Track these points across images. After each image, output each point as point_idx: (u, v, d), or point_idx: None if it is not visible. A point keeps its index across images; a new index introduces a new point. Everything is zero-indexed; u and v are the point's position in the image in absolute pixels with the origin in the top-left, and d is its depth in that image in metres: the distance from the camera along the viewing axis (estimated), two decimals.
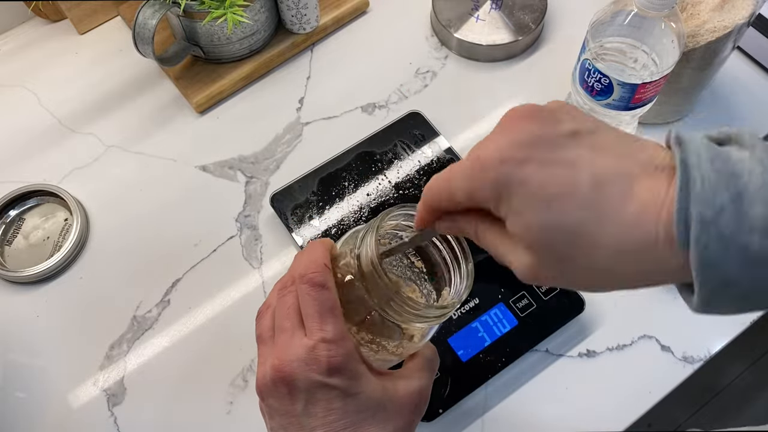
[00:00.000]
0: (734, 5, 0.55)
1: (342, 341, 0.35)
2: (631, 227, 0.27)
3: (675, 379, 0.54)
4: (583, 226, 0.27)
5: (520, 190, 0.28)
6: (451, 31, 0.70)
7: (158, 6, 0.61)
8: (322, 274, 0.36)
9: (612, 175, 0.27)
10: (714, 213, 0.25)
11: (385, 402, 0.36)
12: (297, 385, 0.35)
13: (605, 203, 0.27)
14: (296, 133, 0.67)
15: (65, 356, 0.57)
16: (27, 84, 0.71)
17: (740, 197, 0.25)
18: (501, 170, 0.28)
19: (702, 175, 0.25)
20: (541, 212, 0.28)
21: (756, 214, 0.25)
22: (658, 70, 0.52)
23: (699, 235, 0.25)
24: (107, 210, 0.64)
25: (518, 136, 0.29)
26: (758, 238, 0.24)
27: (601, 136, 0.29)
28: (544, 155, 0.28)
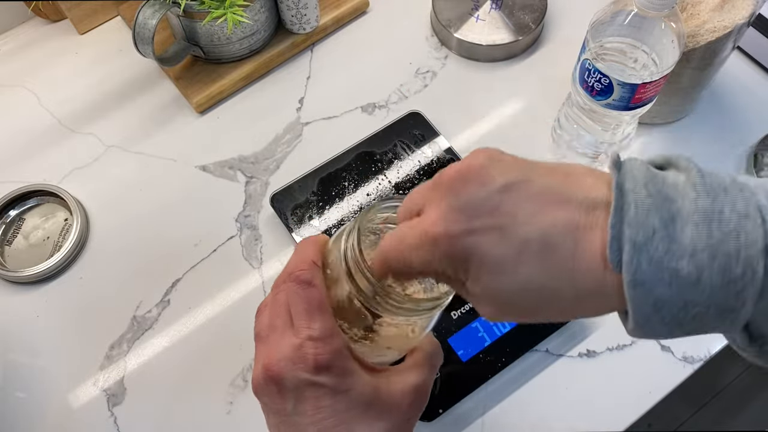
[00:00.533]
0: (734, 5, 0.55)
1: (329, 338, 0.35)
2: (584, 277, 0.27)
3: (675, 379, 0.54)
4: (537, 286, 0.28)
5: (473, 260, 0.29)
6: (451, 31, 0.70)
7: (158, 6, 0.61)
8: (309, 272, 0.36)
9: (558, 229, 0.27)
10: (645, 237, 0.25)
11: (377, 399, 0.36)
12: (285, 384, 0.35)
13: (558, 259, 0.27)
14: (296, 133, 0.67)
15: (65, 356, 0.57)
16: (27, 84, 0.71)
17: (672, 221, 0.25)
18: (450, 244, 0.29)
19: (636, 200, 0.26)
20: (494, 279, 0.28)
21: (686, 239, 0.25)
22: (658, 70, 0.52)
23: (631, 257, 0.25)
24: (107, 210, 0.64)
25: (455, 204, 0.29)
26: (686, 264, 0.25)
27: (535, 183, 0.29)
28: (486, 221, 0.28)
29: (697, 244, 0.25)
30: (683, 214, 0.26)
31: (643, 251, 0.25)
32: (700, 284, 0.25)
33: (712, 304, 0.25)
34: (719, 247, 0.25)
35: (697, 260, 0.25)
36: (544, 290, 0.28)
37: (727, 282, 0.25)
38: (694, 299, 0.25)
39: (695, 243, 0.25)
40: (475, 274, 0.29)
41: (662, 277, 0.25)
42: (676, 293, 0.25)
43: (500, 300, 0.29)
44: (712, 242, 0.25)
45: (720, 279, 0.25)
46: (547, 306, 0.29)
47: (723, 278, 0.25)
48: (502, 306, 0.30)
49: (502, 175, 0.29)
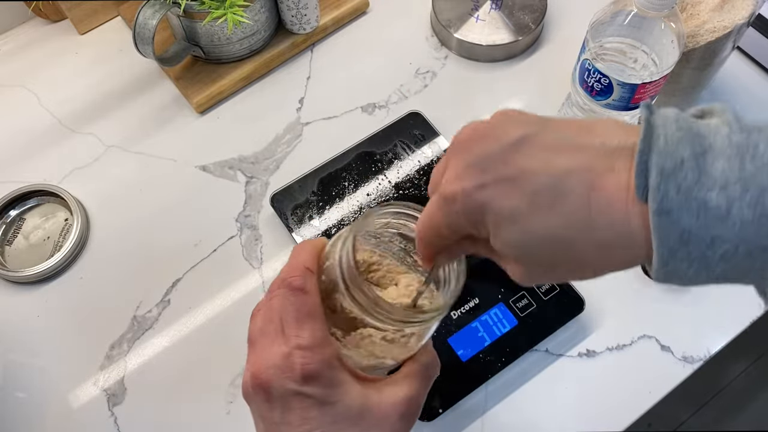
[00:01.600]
0: (734, 5, 0.55)
1: (318, 348, 0.34)
2: (603, 222, 0.27)
3: (675, 379, 0.54)
4: (556, 234, 0.27)
5: (489, 214, 0.28)
6: (451, 31, 0.70)
7: (158, 6, 0.61)
8: (301, 278, 0.36)
9: (571, 176, 0.27)
10: (674, 165, 0.25)
11: (366, 411, 0.35)
12: (273, 392, 0.34)
13: (572, 206, 0.27)
14: (296, 133, 0.67)
15: (65, 356, 0.57)
16: (27, 84, 0.71)
17: (703, 154, 0.25)
18: (466, 201, 0.29)
19: (666, 133, 0.25)
20: (511, 230, 0.28)
21: (717, 172, 0.24)
22: (658, 70, 0.52)
23: (657, 184, 0.25)
24: (107, 210, 0.64)
25: (469, 160, 0.29)
26: (716, 195, 0.24)
27: (549, 134, 0.28)
28: (499, 173, 0.28)
29: (729, 176, 0.24)
30: (715, 148, 0.25)
31: (671, 179, 0.24)
32: (730, 217, 0.24)
33: (742, 241, 0.24)
34: (752, 180, 0.24)
35: (728, 192, 0.24)
36: (561, 241, 0.27)
37: (759, 216, 0.24)
38: (722, 234, 0.24)
39: (727, 175, 0.24)
40: (493, 229, 0.29)
41: (690, 207, 0.24)
42: (704, 226, 0.24)
43: (522, 254, 0.29)
44: (744, 175, 0.24)
45: (751, 213, 0.24)
46: (568, 258, 0.28)
47: (755, 212, 0.24)
48: (526, 261, 0.29)
49: (516, 129, 0.29)
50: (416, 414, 0.38)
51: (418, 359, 0.39)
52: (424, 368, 0.38)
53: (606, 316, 0.57)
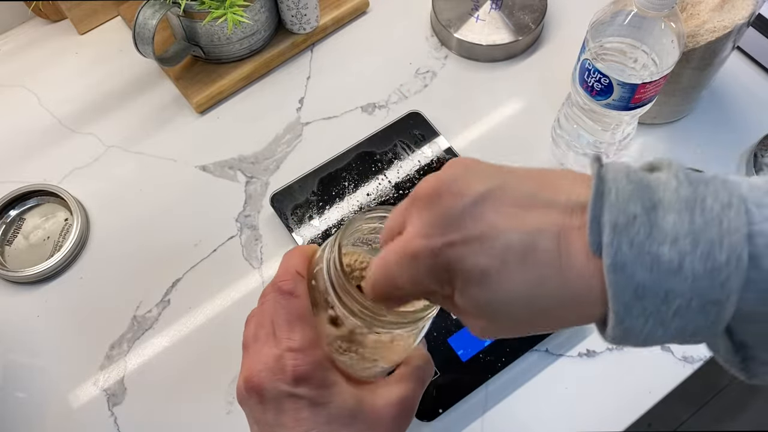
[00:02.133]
0: (734, 5, 0.55)
1: (309, 350, 0.34)
2: (572, 278, 0.26)
3: (675, 379, 0.54)
4: (526, 293, 0.27)
5: (456, 271, 0.28)
6: (451, 31, 0.70)
7: (158, 6, 0.61)
8: (291, 282, 0.36)
9: (542, 234, 0.27)
10: (626, 220, 0.25)
11: (359, 412, 0.35)
12: (266, 395, 0.35)
13: (543, 264, 0.27)
14: (296, 133, 0.67)
15: (65, 356, 0.57)
16: (27, 84, 0.71)
17: (654, 209, 0.25)
18: (432, 258, 0.28)
19: (617, 188, 0.26)
20: (479, 290, 0.28)
21: (668, 225, 0.24)
22: (658, 70, 0.52)
23: (611, 240, 0.25)
24: (107, 210, 0.64)
25: (433, 216, 0.28)
26: (668, 249, 0.24)
27: (513, 190, 0.28)
28: (467, 231, 0.28)
29: (680, 230, 0.24)
30: (665, 202, 0.25)
31: (623, 234, 0.25)
32: (682, 271, 0.24)
33: (695, 295, 0.24)
34: (702, 234, 0.24)
35: (679, 246, 0.24)
36: (530, 298, 0.27)
37: (710, 269, 0.24)
38: (675, 288, 0.24)
39: (677, 229, 0.24)
40: (460, 287, 0.28)
41: (643, 261, 0.24)
42: (657, 280, 0.24)
43: (489, 312, 0.29)
44: (694, 228, 0.24)
45: (703, 266, 0.24)
46: (534, 315, 0.28)
47: (706, 265, 0.24)
48: (492, 319, 0.29)
49: (478, 184, 0.28)
50: (410, 416, 0.38)
51: (411, 362, 0.39)
52: (417, 370, 0.39)
53: None
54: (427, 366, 0.40)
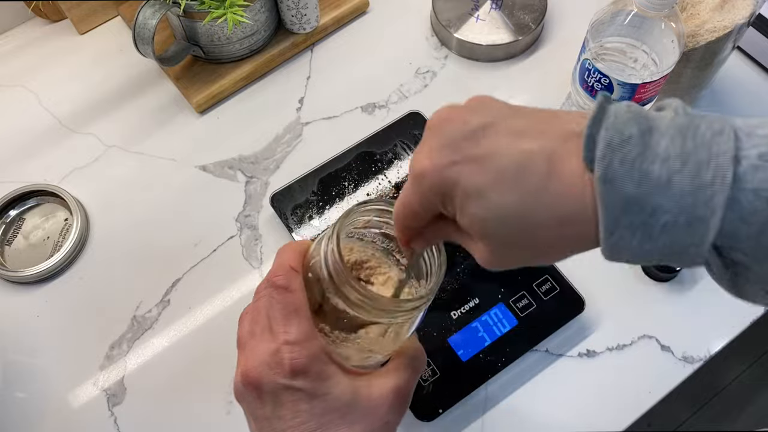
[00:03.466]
0: (734, 5, 0.55)
1: (306, 342, 0.35)
2: (562, 198, 0.28)
3: (675, 379, 0.54)
4: (517, 211, 0.29)
5: (456, 190, 0.30)
6: (451, 31, 0.70)
7: (158, 6, 0.61)
8: (286, 277, 0.37)
9: (533, 156, 0.28)
10: (621, 140, 0.26)
11: (355, 402, 0.36)
12: (263, 388, 0.35)
13: (533, 184, 0.28)
14: (296, 133, 0.67)
15: (65, 356, 0.57)
16: (27, 84, 0.71)
17: (650, 132, 0.26)
18: (435, 177, 0.30)
19: (616, 113, 0.27)
20: (477, 206, 0.29)
21: (660, 148, 0.26)
22: (658, 70, 0.52)
23: (604, 154, 0.26)
24: (107, 210, 0.64)
25: (441, 139, 0.30)
26: (658, 167, 0.26)
27: (517, 120, 0.30)
28: (467, 153, 0.29)
29: (671, 152, 0.26)
30: (661, 128, 0.26)
31: (617, 151, 0.26)
32: (671, 188, 0.26)
33: (682, 211, 0.26)
34: (691, 156, 0.26)
35: (669, 165, 0.26)
36: (523, 217, 0.29)
37: (697, 187, 0.25)
38: (663, 204, 0.26)
39: (669, 151, 0.26)
40: (460, 204, 0.30)
41: (632, 176, 0.26)
42: (646, 194, 0.26)
43: (486, 231, 0.30)
44: (685, 151, 0.26)
45: (690, 183, 0.25)
46: (530, 236, 0.29)
47: (693, 183, 0.25)
48: (491, 240, 0.30)
49: (485, 115, 0.30)
50: (405, 405, 0.38)
51: (405, 352, 0.40)
52: (411, 360, 0.40)
53: (606, 316, 0.57)
54: (420, 356, 0.41)
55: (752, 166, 0.25)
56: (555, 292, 0.55)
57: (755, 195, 0.25)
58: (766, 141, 0.26)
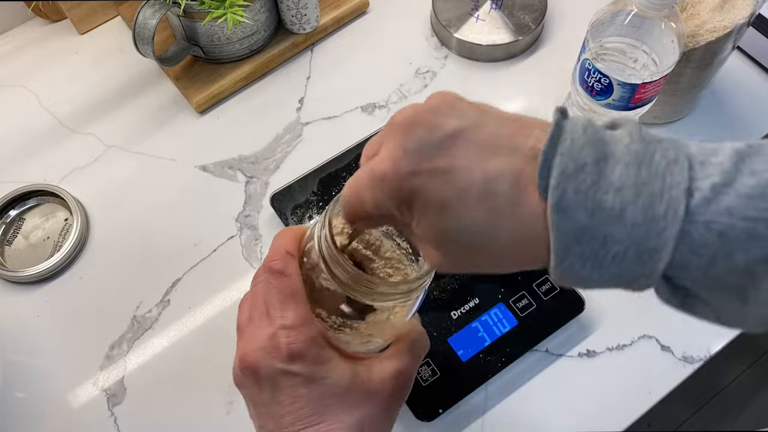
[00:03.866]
0: (734, 5, 0.55)
1: (303, 327, 0.35)
2: (524, 224, 0.28)
3: (675, 379, 0.54)
4: (478, 228, 0.28)
5: (416, 200, 0.29)
6: (451, 31, 0.70)
7: (158, 6, 0.61)
8: (282, 261, 0.37)
9: (502, 177, 0.28)
10: (575, 168, 0.26)
11: (354, 387, 0.35)
12: (261, 373, 0.35)
13: (498, 206, 0.28)
14: (296, 133, 0.67)
15: (65, 356, 0.57)
16: (27, 84, 0.71)
17: (604, 160, 0.26)
18: (396, 182, 0.29)
19: (573, 137, 0.27)
20: (437, 218, 0.29)
21: (615, 176, 0.26)
22: (658, 70, 0.52)
23: (557, 183, 0.26)
24: (107, 210, 0.64)
25: (405, 144, 0.29)
26: (611, 197, 0.26)
27: (486, 129, 0.29)
28: (433, 164, 0.29)
29: (625, 181, 0.26)
30: (616, 155, 0.26)
31: (571, 180, 0.26)
32: (623, 219, 0.25)
33: (633, 243, 0.26)
34: (645, 187, 0.26)
35: (622, 195, 0.26)
36: (482, 234, 0.28)
37: (650, 219, 0.25)
38: (614, 234, 0.26)
39: (623, 181, 0.26)
40: (418, 215, 0.30)
41: (586, 207, 0.26)
42: (598, 224, 0.26)
43: (443, 242, 0.30)
44: (639, 181, 0.26)
45: (642, 216, 0.25)
46: (485, 251, 0.29)
47: (646, 215, 0.25)
48: (445, 249, 0.30)
49: (454, 119, 0.30)
50: (406, 390, 0.38)
51: (406, 336, 0.39)
52: (412, 344, 0.39)
53: (606, 316, 0.57)
54: (421, 340, 0.40)
55: (704, 198, 0.25)
56: (555, 292, 0.55)
57: (706, 228, 0.25)
58: (719, 170, 0.26)
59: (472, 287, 0.56)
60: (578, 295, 0.55)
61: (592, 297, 0.56)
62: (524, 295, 0.55)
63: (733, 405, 1.35)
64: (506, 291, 0.56)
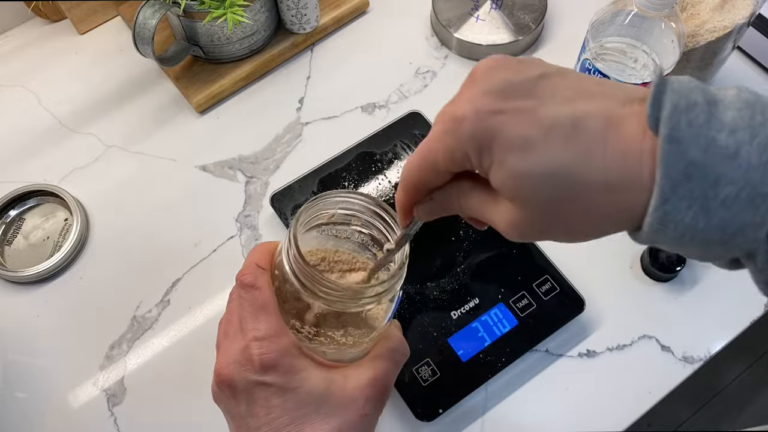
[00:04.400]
0: (734, 5, 0.55)
1: (275, 338, 0.35)
2: (618, 161, 0.26)
3: (675, 379, 0.54)
4: (566, 168, 0.26)
5: (499, 139, 0.27)
6: (451, 31, 0.70)
7: (158, 6, 0.61)
8: (252, 275, 0.37)
9: (591, 116, 0.26)
10: (687, 104, 0.25)
11: (329, 395, 0.35)
12: (236, 386, 0.35)
13: (587, 144, 0.26)
14: (296, 133, 0.67)
15: (65, 356, 0.57)
16: (27, 84, 0.71)
17: (715, 104, 0.25)
18: (477, 122, 0.28)
19: (680, 81, 0.26)
20: (521, 159, 0.27)
21: (727, 118, 0.25)
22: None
23: (671, 114, 0.25)
24: (107, 210, 0.64)
25: (489, 85, 0.28)
26: (725, 136, 0.24)
27: (570, 78, 0.28)
28: (518, 101, 0.27)
29: (739, 123, 0.24)
30: (726, 101, 0.25)
31: (683, 113, 0.25)
32: (738, 158, 0.24)
33: (746, 184, 0.24)
34: (761, 129, 0.24)
35: (737, 136, 0.24)
36: (571, 176, 0.26)
37: (765, 162, 0.24)
38: (727, 174, 0.24)
39: (736, 122, 0.24)
40: (499, 157, 0.27)
41: (698, 141, 0.24)
42: (710, 162, 0.24)
43: (523, 191, 0.27)
44: (753, 123, 0.24)
45: (758, 157, 0.24)
46: (573, 200, 0.27)
47: (761, 157, 0.24)
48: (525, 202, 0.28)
49: (538, 67, 0.29)
50: (383, 397, 0.38)
51: (383, 343, 0.39)
52: (389, 351, 0.39)
53: (606, 316, 0.57)
54: (399, 347, 0.39)
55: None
56: (555, 292, 0.55)
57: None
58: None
59: (472, 287, 0.56)
60: (578, 295, 0.55)
61: (592, 297, 0.56)
62: (524, 295, 0.55)
63: (733, 405, 1.35)
64: (506, 291, 0.56)
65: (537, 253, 0.57)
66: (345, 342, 0.38)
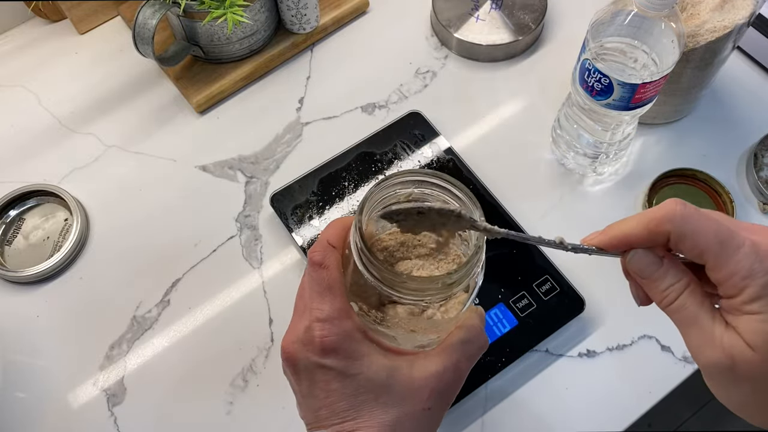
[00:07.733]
0: (734, 5, 0.55)
1: (337, 320, 0.34)
2: None
3: (675, 379, 0.54)
4: None
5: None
6: (451, 31, 0.70)
7: (158, 6, 0.61)
8: (321, 253, 0.36)
9: None
10: None
11: (391, 384, 0.34)
12: (298, 365, 0.35)
13: None
14: (296, 133, 0.67)
15: (65, 356, 0.57)
16: (27, 84, 0.71)
17: None
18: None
19: None
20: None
21: None
22: (658, 70, 0.52)
23: None
24: (107, 210, 0.64)
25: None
26: None
27: None
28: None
29: None
30: None
31: None
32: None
33: None
34: None
35: None
36: None
37: None
38: None
39: None
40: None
41: None
42: None
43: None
44: None
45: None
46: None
47: None
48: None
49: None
50: (451, 391, 0.36)
51: (455, 333, 0.37)
52: (460, 343, 0.36)
53: (606, 316, 0.57)
54: (473, 338, 0.37)
55: None
56: (555, 292, 0.55)
57: None
58: None
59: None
60: (578, 295, 0.55)
61: (592, 297, 0.56)
62: (524, 295, 0.55)
63: None
64: (506, 291, 0.56)
65: (537, 253, 0.57)
66: (412, 330, 0.36)
